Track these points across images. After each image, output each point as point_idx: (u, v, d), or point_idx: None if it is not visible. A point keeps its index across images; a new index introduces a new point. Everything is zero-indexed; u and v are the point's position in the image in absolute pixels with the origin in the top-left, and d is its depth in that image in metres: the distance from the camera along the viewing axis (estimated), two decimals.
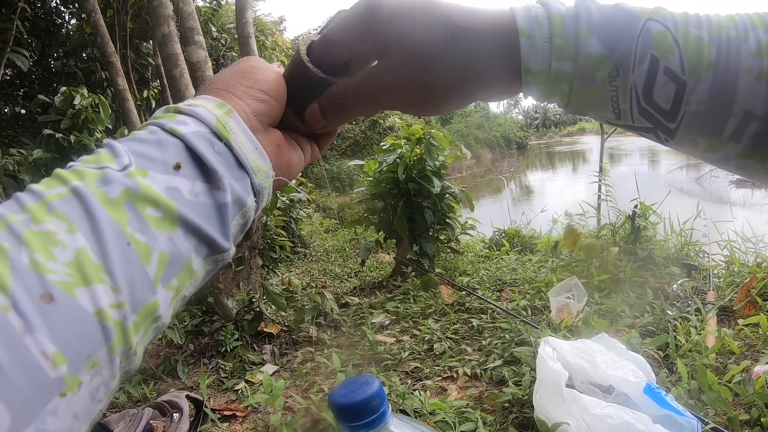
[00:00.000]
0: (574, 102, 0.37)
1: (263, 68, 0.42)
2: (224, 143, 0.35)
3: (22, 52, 7.09)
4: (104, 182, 0.30)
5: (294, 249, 5.09)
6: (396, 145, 3.34)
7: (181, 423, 1.60)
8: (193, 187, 0.32)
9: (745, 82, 0.33)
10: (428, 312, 2.54)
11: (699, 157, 0.38)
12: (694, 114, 0.34)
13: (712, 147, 0.36)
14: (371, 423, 0.43)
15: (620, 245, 2.77)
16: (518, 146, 37.35)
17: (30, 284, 0.25)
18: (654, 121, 0.36)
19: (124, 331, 0.28)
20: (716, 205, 7.79)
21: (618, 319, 2.01)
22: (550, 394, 1.29)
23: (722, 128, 0.34)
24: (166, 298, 0.31)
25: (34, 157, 4.63)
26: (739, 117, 0.33)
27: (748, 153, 0.35)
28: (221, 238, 0.34)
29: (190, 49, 3.07)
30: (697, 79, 0.33)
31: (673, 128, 0.35)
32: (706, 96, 0.33)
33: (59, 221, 0.27)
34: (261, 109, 0.39)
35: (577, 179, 16.02)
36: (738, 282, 2.25)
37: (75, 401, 0.26)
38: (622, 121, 0.37)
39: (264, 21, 12.75)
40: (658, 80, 0.34)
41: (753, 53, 0.33)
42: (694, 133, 0.35)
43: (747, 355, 1.68)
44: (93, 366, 0.26)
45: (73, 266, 0.26)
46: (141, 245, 0.29)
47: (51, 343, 0.25)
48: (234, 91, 0.39)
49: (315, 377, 2.00)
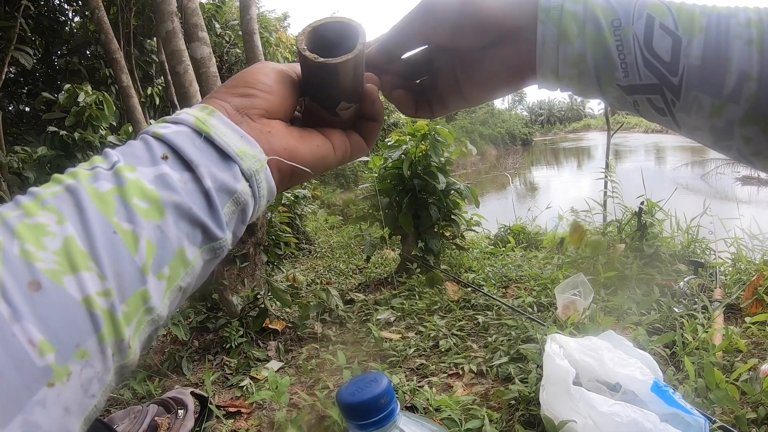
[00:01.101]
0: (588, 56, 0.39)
1: (256, 68, 0.43)
2: (204, 137, 0.36)
3: (26, 50, 7.10)
4: (95, 179, 0.31)
5: (299, 245, 5.09)
6: (401, 141, 3.33)
7: (186, 420, 1.60)
8: (181, 176, 0.33)
9: (736, 45, 0.35)
10: (434, 308, 2.53)
11: (706, 131, 0.39)
12: (693, 68, 0.36)
13: (715, 110, 0.37)
14: (380, 421, 0.42)
15: (626, 242, 2.75)
16: (523, 142, 37.34)
17: (18, 273, 0.25)
18: (658, 75, 0.37)
19: (113, 320, 0.28)
20: (722, 203, 7.76)
21: (624, 316, 2.00)
22: (557, 392, 1.28)
23: (721, 85, 0.35)
24: (159, 288, 0.31)
25: (39, 155, 4.65)
26: (735, 75, 0.35)
27: (750, 118, 0.36)
28: (213, 223, 0.34)
29: (194, 46, 3.07)
30: (690, 36, 0.36)
31: (676, 83, 0.37)
32: (701, 52, 0.36)
33: (50, 214, 0.28)
34: (245, 103, 0.40)
35: (582, 176, 15.99)
36: (745, 280, 2.23)
37: (64, 392, 0.26)
38: (630, 78, 0.38)
39: (268, 17, 12.74)
40: (656, 32, 0.36)
41: (742, 24, 0.35)
42: (697, 90, 0.36)
43: (754, 354, 1.67)
44: (82, 356, 0.26)
45: (61, 254, 0.27)
46: (127, 234, 0.30)
47: (38, 331, 0.25)
48: (217, 95, 0.41)
49: (320, 374, 2.00)
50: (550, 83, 0.42)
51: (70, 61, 8.81)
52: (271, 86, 0.42)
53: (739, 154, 0.39)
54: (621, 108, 0.42)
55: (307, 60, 0.41)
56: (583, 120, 56.83)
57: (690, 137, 0.41)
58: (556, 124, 60.38)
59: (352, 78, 0.43)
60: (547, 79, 0.42)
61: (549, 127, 59.74)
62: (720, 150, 0.40)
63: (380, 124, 0.50)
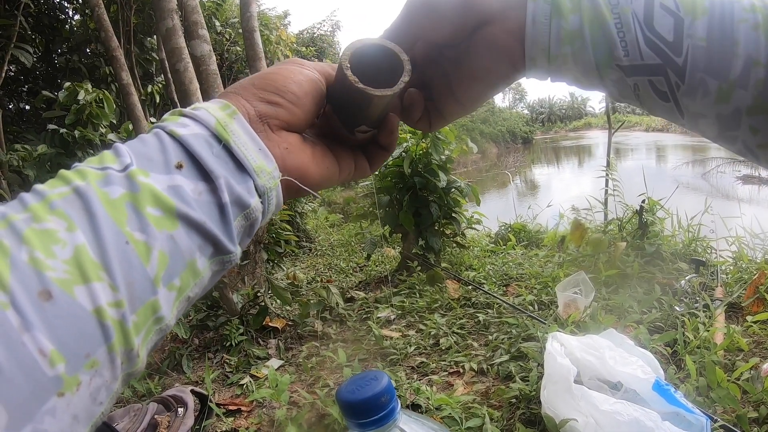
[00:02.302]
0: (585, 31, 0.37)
1: (288, 69, 0.41)
2: (223, 145, 0.34)
3: (26, 48, 7.09)
4: (106, 183, 0.30)
5: (299, 243, 5.09)
6: (401, 139, 3.32)
7: (186, 418, 1.60)
8: (195, 187, 0.32)
9: (742, 28, 0.33)
10: (434, 307, 2.53)
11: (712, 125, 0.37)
12: (698, 48, 0.34)
13: (722, 95, 0.35)
14: (380, 420, 0.42)
15: (627, 240, 2.74)
16: (524, 141, 37.35)
17: (29, 281, 0.25)
18: (661, 55, 0.35)
19: (123, 330, 0.28)
20: (723, 201, 7.75)
21: (626, 314, 1.99)
22: (558, 390, 1.28)
23: (728, 69, 0.34)
24: (168, 298, 0.31)
25: (39, 153, 4.65)
26: (742, 59, 0.33)
27: (759, 107, 0.34)
28: (225, 237, 0.33)
29: (194, 43, 3.06)
30: (693, 17, 0.34)
31: (681, 63, 0.35)
32: (705, 33, 0.34)
33: (60, 219, 0.27)
34: (269, 111, 0.38)
35: (583, 174, 15.99)
36: (746, 278, 2.23)
37: (74, 402, 0.26)
38: (631, 58, 0.36)
39: (268, 15, 12.73)
40: (656, 12, 0.35)
41: (746, 9, 0.34)
42: (702, 72, 0.35)
43: (755, 353, 1.66)
44: (92, 366, 0.26)
45: (72, 264, 0.26)
46: (140, 244, 0.29)
47: (49, 341, 0.24)
48: (243, 93, 0.39)
49: (320, 372, 2.00)
50: (541, 67, 0.40)
51: (70, 59, 8.80)
52: (300, 98, 0.40)
53: (744, 147, 0.38)
54: (619, 96, 0.40)
55: (346, 80, 0.39)
56: (584, 118, 56.88)
57: (693, 128, 0.39)
58: (557, 123, 60.43)
59: (382, 109, 0.43)
60: (536, 63, 0.39)
61: (550, 125, 59.77)
62: (724, 142, 0.39)
63: (391, 153, 0.49)
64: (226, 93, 0.39)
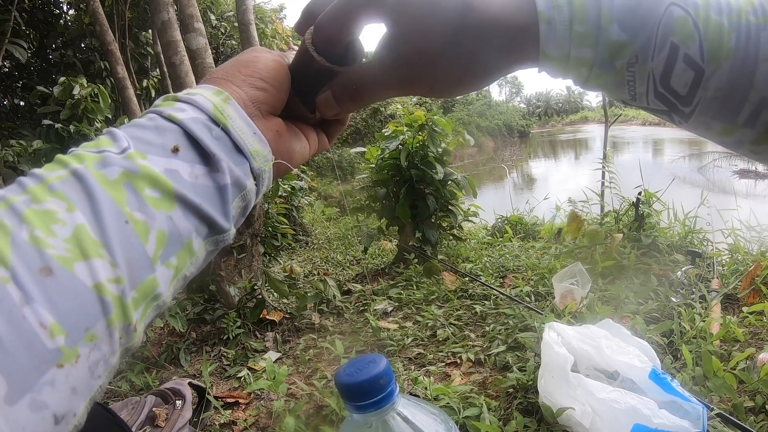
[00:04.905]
0: (590, 83, 0.37)
1: (264, 57, 0.43)
2: (221, 128, 0.36)
3: (21, 44, 7.05)
4: (103, 164, 0.30)
5: (296, 237, 5.09)
6: (398, 131, 3.31)
7: (184, 410, 1.60)
8: (192, 170, 0.33)
9: (763, 70, 0.32)
10: (431, 298, 2.53)
11: (713, 140, 0.38)
12: (710, 100, 0.34)
13: (725, 132, 0.35)
14: (378, 402, 0.42)
15: (624, 232, 2.75)
16: (520, 134, 37.35)
17: (29, 258, 0.25)
18: (669, 105, 0.35)
19: (122, 306, 0.28)
20: (719, 195, 7.77)
21: (622, 305, 2.00)
22: (555, 379, 1.28)
23: (737, 114, 0.34)
24: (166, 276, 0.31)
25: (34, 148, 4.63)
26: (754, 104, 0.33)
27: (763, 139, 0.35)
28: (222, 218, 0.35)
29: (190, 37, 3.05)
30: (716, 66, 0.33)
31: (687, 112, 0.35)
32: (724, 83, 0.33)
33: (59, 201, 0.28)
34: (259, 97, 0.40)
35: (579, 167, 16.00)
36: (742, 270, 2.23)
37: (73, 374, 0.26)
38: (638, 102, 0.37)
39: (264, 9, 12.66)
40: (677, 68, 0.33)
41: None
42: (709, 117, 0.35)
43: (751, 343, 1.67)
44: (91, 339, 0.27)
45: (72, 242, 0.27)
46: (139, 224, 0.30)
47: (49, 314, 0.25)
48: (233, 79, 0.40)
49: (318, 364, 2.00)
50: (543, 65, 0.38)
51: (65, 54, 8.74)
52: (280, 82, 0.42)
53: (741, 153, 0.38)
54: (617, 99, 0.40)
55: (313, 61, 0.40)
56: (581, 112, 56.86)
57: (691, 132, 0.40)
58: (554, 116, 60.42)
59: None
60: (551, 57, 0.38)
61: (546, 119, 59.81)
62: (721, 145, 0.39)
63: (345, 126, 0.52)
64: (215, 79, 0.40)
